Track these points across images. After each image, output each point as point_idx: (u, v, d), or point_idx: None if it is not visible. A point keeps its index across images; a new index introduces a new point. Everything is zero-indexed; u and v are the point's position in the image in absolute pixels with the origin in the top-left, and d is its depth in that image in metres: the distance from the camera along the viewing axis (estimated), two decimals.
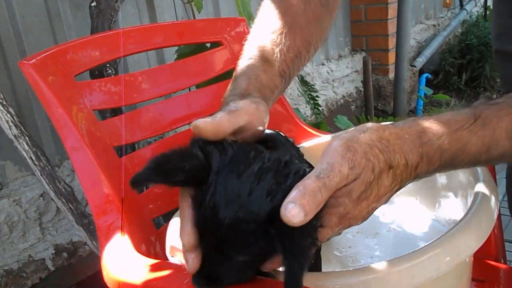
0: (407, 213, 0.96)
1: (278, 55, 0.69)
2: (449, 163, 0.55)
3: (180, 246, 0.54)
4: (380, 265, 0.57)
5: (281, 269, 0.56)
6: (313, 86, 2.74)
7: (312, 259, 0.73)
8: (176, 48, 1.44)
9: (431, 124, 0.54)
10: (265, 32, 0.72)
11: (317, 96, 2.78)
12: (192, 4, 1.72)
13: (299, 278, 0.47)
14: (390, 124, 0.55)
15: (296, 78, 2.74)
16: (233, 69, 1.16)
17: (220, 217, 0.49)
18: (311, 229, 0.48)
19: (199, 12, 1.67)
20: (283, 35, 0.70)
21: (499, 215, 0.73)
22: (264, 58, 0.69)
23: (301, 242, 0.47)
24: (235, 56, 1.18)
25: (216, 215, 0.49)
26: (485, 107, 0.55)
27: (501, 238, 0.92)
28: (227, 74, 1.17)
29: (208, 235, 0.51)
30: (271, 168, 0.50)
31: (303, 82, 2.71)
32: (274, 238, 0.48)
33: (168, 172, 0.50)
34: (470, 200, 0.72)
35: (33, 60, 0.87)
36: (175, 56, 1.44)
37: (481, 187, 0.69)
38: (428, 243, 0.59)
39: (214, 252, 0.52)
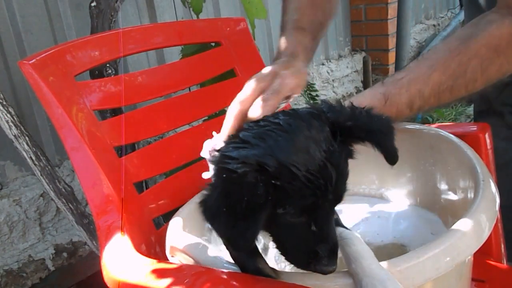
0: (405, 211, 0.96)
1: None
2: None
3: (179, 246, 0.53)
4: None
5: None
6: (313, 86, 2.73)
7: None
8: (180, 48, 1.44)
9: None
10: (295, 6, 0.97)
11: (317, 96, 2.77)
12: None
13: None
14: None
15: None
16: (233, 69, 1.17)
17: (309, 160, 0.53)
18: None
19: (197, 16, 1.66)
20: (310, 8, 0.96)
21: (499, 215, 0.73)
22: (302, 27, 0.93)
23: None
24: (235, 56, 1.18)
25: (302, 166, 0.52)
26: (391, 88, 0.77)
27: (501, 238, 0.92)
28: (227, 74, 1.17)
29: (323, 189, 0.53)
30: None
31: None
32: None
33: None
34: (470, 200, 0.72)
35: (33, 60, 0.87)
36: (180, 56, 1.43)
37: (481, 187, 0.69)
38: (428, 243, 0.59)
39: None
